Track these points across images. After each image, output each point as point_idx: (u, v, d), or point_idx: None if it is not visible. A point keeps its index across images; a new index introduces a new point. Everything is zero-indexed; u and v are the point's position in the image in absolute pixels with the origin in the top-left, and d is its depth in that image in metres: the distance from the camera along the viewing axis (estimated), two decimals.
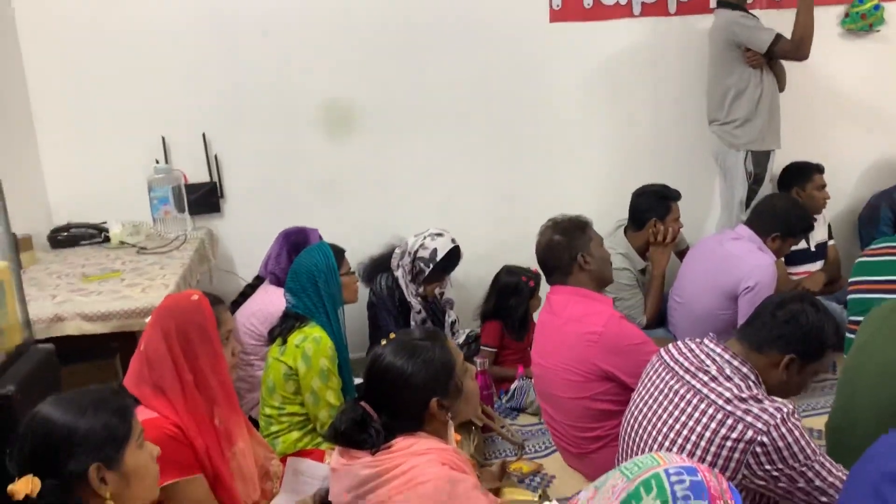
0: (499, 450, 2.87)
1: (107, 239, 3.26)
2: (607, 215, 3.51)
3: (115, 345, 2.38)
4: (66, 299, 2.45)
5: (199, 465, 1.91)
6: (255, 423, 2.54)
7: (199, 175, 3.51)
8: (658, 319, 3.45)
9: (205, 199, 3.53)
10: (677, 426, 1.80)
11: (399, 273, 3.29)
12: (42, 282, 2.69)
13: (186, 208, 3.37)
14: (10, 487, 1.30)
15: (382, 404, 1.63)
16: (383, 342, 1.71)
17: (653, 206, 3.40)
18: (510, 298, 3.34)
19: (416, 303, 3.29)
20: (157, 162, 3.39)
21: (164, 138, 3.45)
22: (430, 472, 1.54)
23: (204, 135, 3.49)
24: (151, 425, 1.74)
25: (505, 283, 3.37)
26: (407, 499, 1.51)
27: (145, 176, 3.30)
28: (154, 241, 3.20)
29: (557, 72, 3.76)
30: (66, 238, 3.23)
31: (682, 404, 1.82)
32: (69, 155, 3.39)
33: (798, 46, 3.36)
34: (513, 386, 3.20)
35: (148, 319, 2.05)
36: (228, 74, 3.48)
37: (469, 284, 3.71)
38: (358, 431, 1.61)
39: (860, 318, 2.24)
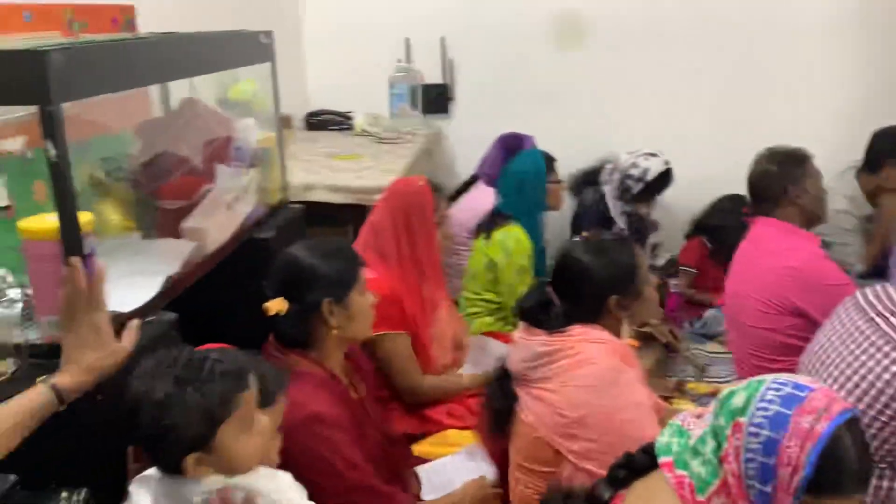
0: (680, 370, 2.94)
1: (350, 126, 3.68)
2: (840, 154, 3.30)
3: (349, 216, 2.77)
4: (316, 172, 2.89)
5: (405, 324, 2.23)
6: (456, 305, 2.85)
7: (433, 77, 3.80)
8: (875, 270, 3.25)
9: (436, 100, 3.82)
10: (856, 364, 1.80)
11: (607, 189, 3.37)
12: (297, 155, 3.15)
13: (420, 106, 3.68)
14: (265, 305, 1.67)
15: (565, 293, 1.79)
16: (576, 238, 1.87)
17: (892, 150, 3.15)
18: (727, 218, 3.24)
19: (620, 220, 3.36)
20: (400, 61, 3.72)
21: (407, 40, 3.75)
22: (599, 357, 1.69)
23: (442, 39, 3.75)
24: (372, 283, 2.04)
25: (725, 206, 3.31)
26: (572, 377, 1.68)
27: (388, 73, 3.65)
28: (389, 132, 3.57)
29: None
30: (318, 122, 3.71)
31: (865, 344, 1.80)
32: (327, 49, 3.83)
33: None
34: (706, 313, 3.22)
35: (379, 197, 2.38)
36: None
37: (677, 209, 3.70)
38: (540, 311, 1.78)
39: None
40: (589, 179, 3.46)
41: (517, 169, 2.86)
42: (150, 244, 1.71)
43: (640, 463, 1.20)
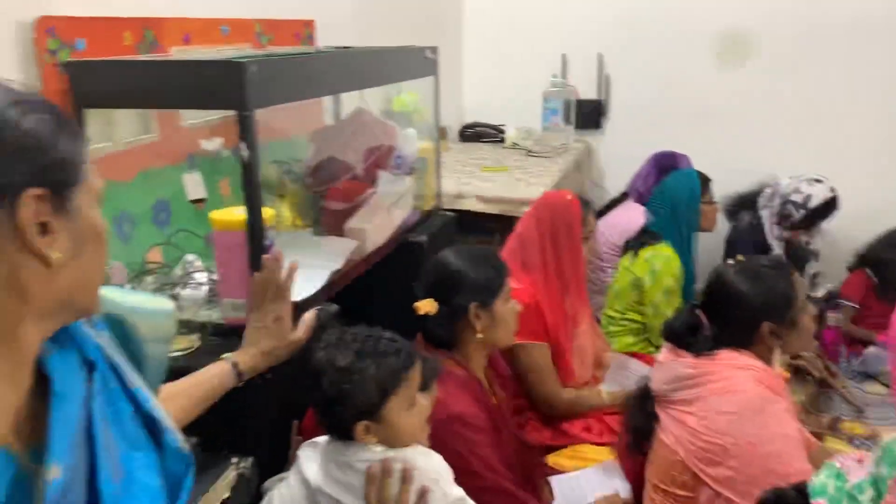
0: (835, 408, 2.77)
1: (502, 139, 3.76)
2: None
3: (497, 225, 2.84)
4: (468, 182, 2.98)
5: (546, 335, 2.23)
6: (598, 322, 2.83)
7: (588, 92, 3.81)
8: None
9: (589, 115, 3.83)
10: None
11: (765, 213, 3.24)
12: (450, 165, 3.27)
13: (573, 121, 3.70)
14: (416, 304, 1.75)
15: (716, 316, 1.74)
16: (730, 261, 1.83)
17: None
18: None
19: (776, 246, 3.22)
20: (555, 76, 3.76)
21: (564, 55, 3.79)
22: (746, 385, 1.64)
23: (600, 55, 3.75)
24: (515, 293, 2.08)
25: (894, 239, 3.11)
26: (717, 402, 1.64)
27: (542, 88, 3.70)
28: (540, 146, 3.61)
29: None
30: (472, 133, 3.82)
31: None
32: (484, 64, 3.94)
33: None
34: (867, 350, 3.02)
35: (527, 209, 2.43)
36: None
37: (840, 239, 3.49)
38: (688, 334, 1.75)
39: None
40: (746, 203, 3.34)
41: (671, 188, 2.81)
42: (318, 240, 1.85)
43: (790, 499, 1.17)
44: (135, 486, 0.76)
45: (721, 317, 1.74)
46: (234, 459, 1.22)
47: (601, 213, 3.46)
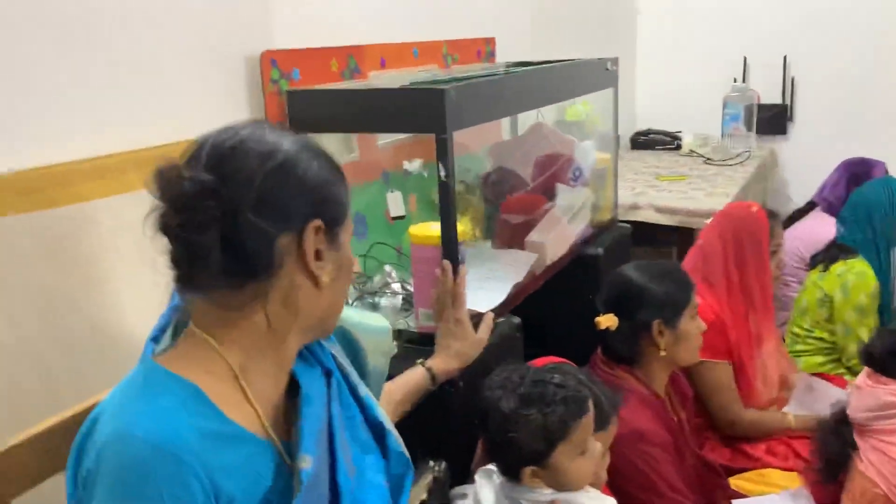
0: None
1: (678, 147, 3.66)
2: None
3: (674, 237, 2.78)
4: (643, 192, 2.94)
5: (728, 353, 2.15)
6: (783, 340, 2.68)
7: (771, 97, 3.63)
8: None
9: (773, 120, 3.64)
10: None
11: None
12: (623, 174, 3.23)
13: (755, 127, 3.54)
14: (598, 319, 1.76)
15: None
16: None
17: None
18: None
19: None
20: (735, 81, 3.61)
21: (745, 59, 3.63)
22: None
23: (785, 57, 3.56)
24: (698, 310, 2.05)
25: None
26: None
27: (722, 93, 3.56)
28: (719, 153, 3.48)
29: None
30: (644, 141, 3.75)
31: None
32: (659, 70, 3.86)
33: None
34: None
35: (708, 220, 2.36)
36: None
37: None
38: (891, 359, 1.65)
39: None
40: None
41: (866, 197, 2.62)
42: (499, 253, 1.91)
43: None
44: (366, 484, 0.85)
45: None
46: (431, 463, 1.30)
47: (786, 224, 3.29)
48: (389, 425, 0.92)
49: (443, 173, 1.41)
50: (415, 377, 1.34)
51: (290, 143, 0.80)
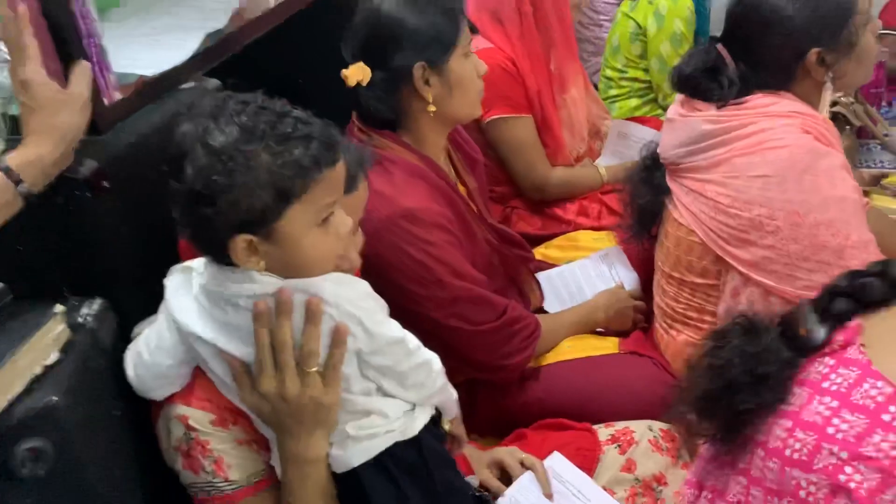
0: (874, 160, 2.42)
1: None
2: None
3: None
4: None
5: (528, 105, 1.91)
6: (595, 87, 2.42)
7: None
8: None
9: None
10: None
11: None
12: None
13: None
14: (344, 72, 1.31)
15: (743, 50, 1.33)
16: None
17: None
18: None
19: None
20: None
21: None
22: (789, 138, 1.27)
23: None
24: (486, 55, 1.66)
25: None
26: (750, 163, 1.28)
27: None
28: None
29: None
30: None
31: None
32: None
33: None
34: None
35: None
36: None
37: None
38: (706, 79, 1.35)
39: None
40: None
41: None
42: None
43: (874, 291, 0.79)
44: None
45: (751, 50, 1.33)
46: (59, 308, 0.84)
47: None
48: None
49: None
50: None
51: None
